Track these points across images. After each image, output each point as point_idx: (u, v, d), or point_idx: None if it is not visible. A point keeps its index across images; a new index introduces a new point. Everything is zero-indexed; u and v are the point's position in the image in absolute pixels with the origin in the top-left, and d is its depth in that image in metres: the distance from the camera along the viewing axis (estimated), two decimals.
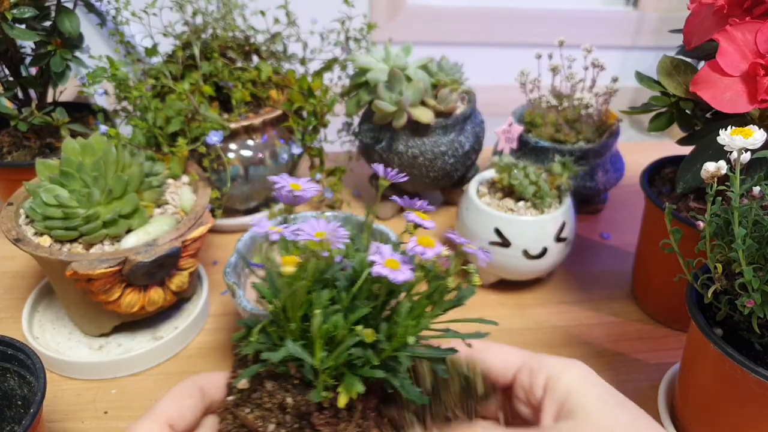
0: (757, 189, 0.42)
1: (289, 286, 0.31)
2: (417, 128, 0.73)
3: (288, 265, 0.31)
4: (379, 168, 0.37)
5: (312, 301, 0.31)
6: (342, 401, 0.30)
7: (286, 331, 0.32)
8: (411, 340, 0.30)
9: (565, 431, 0.31)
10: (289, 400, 0.31)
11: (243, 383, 0.33)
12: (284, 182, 0.36)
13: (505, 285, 0.69)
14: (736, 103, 0.47)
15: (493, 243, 0.64)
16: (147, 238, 0.56)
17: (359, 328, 0.30)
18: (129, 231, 0.57)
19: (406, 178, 0.38)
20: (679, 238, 0.45)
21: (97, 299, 0.54)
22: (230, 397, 0.33)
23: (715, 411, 0.46)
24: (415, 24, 1.87)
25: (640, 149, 0.96)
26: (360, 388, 0.30)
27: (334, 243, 0.31)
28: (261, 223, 0.33)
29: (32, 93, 0.74)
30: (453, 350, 0.34)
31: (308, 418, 0.31)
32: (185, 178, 0.66)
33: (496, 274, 0.68)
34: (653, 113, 0.59)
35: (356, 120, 0.81)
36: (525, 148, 0.75)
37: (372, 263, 0.30)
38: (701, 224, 0.43)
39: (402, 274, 0.30)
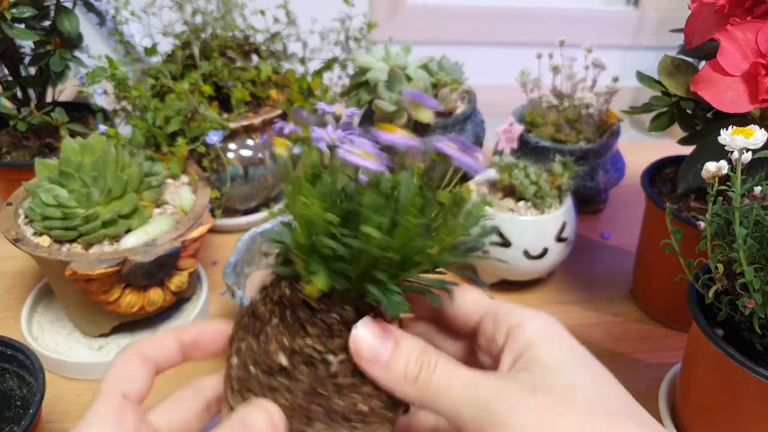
0: (758, 189, 0.42)
1: (288, 177, 0.31)
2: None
3: (279, 147, 0.31)
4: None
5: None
6: (309, 290, 0.29)
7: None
8: (372, 231, 0.27)
9: (521, 380, 0.29)
10: (287, 291, 0.31)
11: (265, 281, 0.33)
12: (326, 107, 0.35)
13: (505, 285, 0.69)
14: (737, 103, 0.47)
15: (493, 243, 0.64)
16: (146, 238, 0.56)
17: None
18: (128, 231, 0.57)
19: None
20: (680, 238, 0.45)
21: (97, 299, 0.54)
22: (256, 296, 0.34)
23: (715, 411, 0.46)
24: (415, 23, 1.87)
25: (641, 149, 0.95)
26: (322, 279, 0.29)
27: (341, 141, 0.30)
28: (280, 123, 0.33)
29: (31, 93, 0.74)
30: (450, 284, 0.32)
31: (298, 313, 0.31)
32: (185, 178, 0.65)
33: (497, 275, 0.68)
34: (654, 113, 0.58)
35: (356, 120, 0.80)
36: (525, 148, 0.75)
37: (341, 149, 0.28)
38: (702, 224, 0.43)
39: (371, 163, 0.27)
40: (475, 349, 0.35)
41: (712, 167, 0.41)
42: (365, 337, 0.30)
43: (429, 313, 0.36)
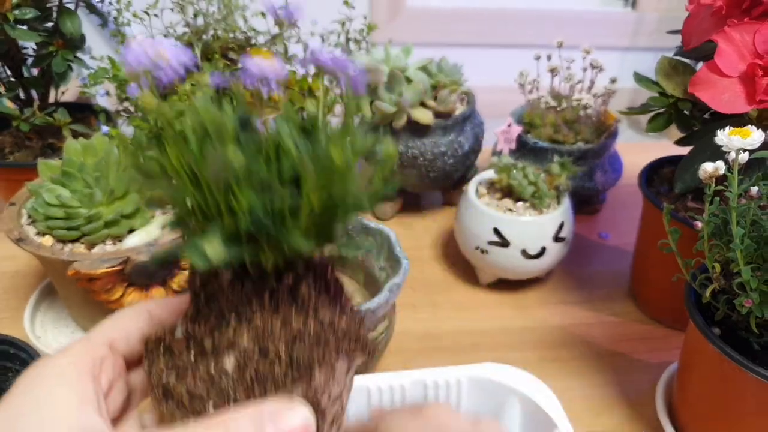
0: (754, 189, 0.42)
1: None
2: (417, 129, 0.73)
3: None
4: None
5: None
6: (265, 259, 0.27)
7: None
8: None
9: None
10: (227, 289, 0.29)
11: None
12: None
13: (504, 285, 0.69)
14: (735, 104, 0.47)
15: (492, 243, 0.64)
16: (149, 238, 0.56)
17: None
18: (131, 231, 0.57)
19: None
20: (678, 238, 0.46)
21: (99, 299, 0.54)
22: None
23: (713, 409, 0.46)
24: (415, 25, 1.87)
25: (639, 150, 0.96)
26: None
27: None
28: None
29: (34, 93, 0.74)
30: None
31: None
32: None
33: (495, 274, 0.68)
34: (651, 114, 0.59)
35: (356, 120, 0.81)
36: (524, 149, 0.76)
37: None
38: (699, 224, 0.44)
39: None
40: None
41: (709, 167, 0.41)
42: None
43: None
